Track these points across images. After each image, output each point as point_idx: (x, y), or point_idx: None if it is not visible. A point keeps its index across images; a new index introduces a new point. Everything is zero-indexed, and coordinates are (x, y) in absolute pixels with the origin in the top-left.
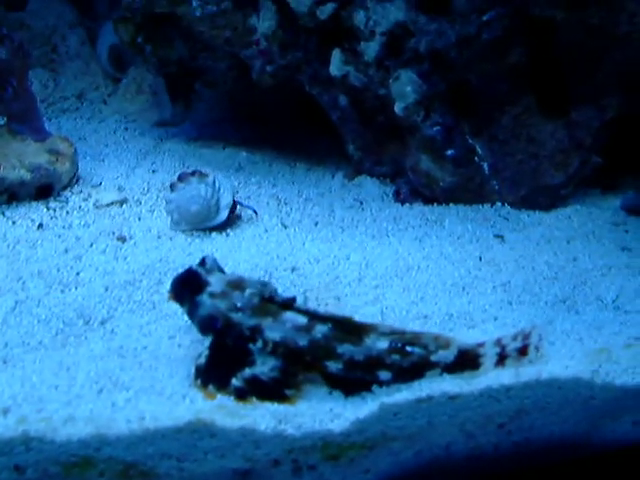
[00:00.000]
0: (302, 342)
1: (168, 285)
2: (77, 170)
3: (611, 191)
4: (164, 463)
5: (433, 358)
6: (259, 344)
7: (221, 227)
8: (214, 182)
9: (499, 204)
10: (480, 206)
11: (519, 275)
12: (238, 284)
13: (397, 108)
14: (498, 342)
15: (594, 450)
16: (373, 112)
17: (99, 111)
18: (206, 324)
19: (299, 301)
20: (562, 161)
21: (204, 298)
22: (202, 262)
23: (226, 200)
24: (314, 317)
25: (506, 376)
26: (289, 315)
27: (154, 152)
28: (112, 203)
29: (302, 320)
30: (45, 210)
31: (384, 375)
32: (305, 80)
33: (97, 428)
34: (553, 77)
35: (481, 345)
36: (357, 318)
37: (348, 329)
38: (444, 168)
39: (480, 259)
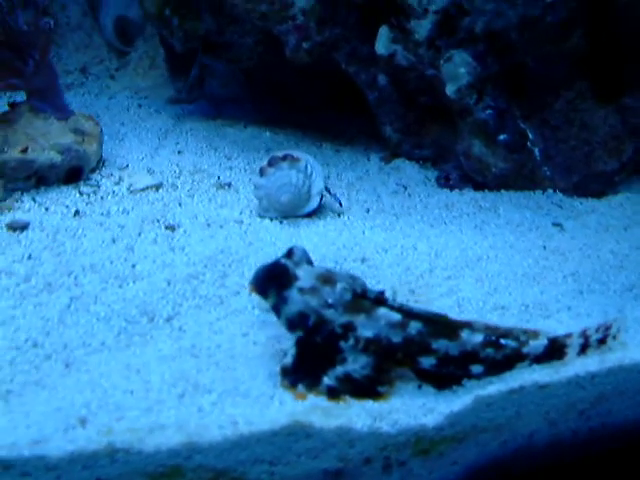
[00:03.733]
0: (396, 339)
1: (236, 278)
2: (102, 151)
3: None
4: (256, 468)
5: (524, 350)
6: (351, 341)
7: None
8: (306, 167)
9: (550, 191)
10: (532, 193)
11: (586, 264)
12: (328, 278)
13: (449, 90)
14: (583, 333)
15: None
16: (415, 93)
17: (107, 87)
18: (296, 321)
19: (388, 295)
20: (615, 147)
21: (293, 294)
22: (289, 253)
23: (318, 187)
24: (408, 314)
25: (592, 363)
26: (383, 312)
27: (175, 131)
28: (147, 188)
29: (396, 317)
30: (78, 195)
31: (476, 369)
32: (342, 58)
33: (188, 436)
34: (608, 61)
35: (569, 336)
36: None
37: (442, 325)
38: (496, 153)
39: (544, 248)
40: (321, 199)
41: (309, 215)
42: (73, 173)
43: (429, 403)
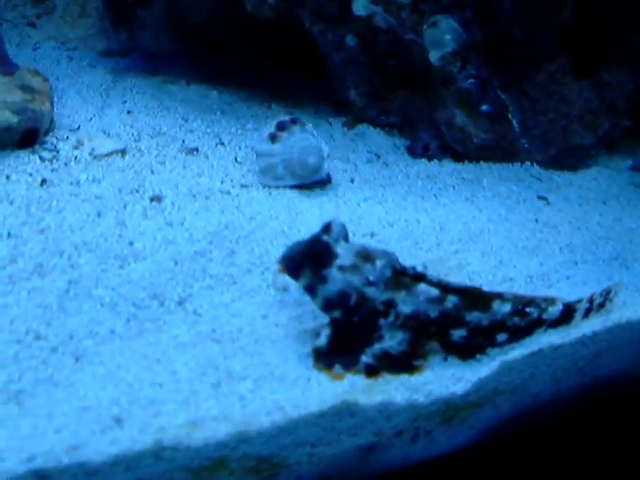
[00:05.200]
0: (433, 313)
1: (245, 255)
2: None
3: (614, 152)
4: (298, 451)
5: (544, 316)
6: (391, 318)
7: None
8: (313, 132)
9: (528, 163)
10: (510, 165)
11: (577, 236)
12: (367, 255)
13: (432, 57)
14: (590, 298)
15: (637, 380)
16: (385, 56)
17: (27, 35)
18: (335, 301)
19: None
20: (592, 122)
21: (333, 272)
22: (327, 229)
23: (326, 151)
24: (446, 288)
25: (596, 323)
26: (423, 287)
27: (117, 88)
28: (112, 153)
29: (435, 292)
30: (39, 161)
31: (501, 337)
32: (307, 16)
33: (236, 426)
34: (588, 36)
35: (579, 302)
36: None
37: (477, 298)
38: (478, 124)
39: (537, 221)
40: None
41: (318, 182)
42: (29, 136)
43: (458, 372)
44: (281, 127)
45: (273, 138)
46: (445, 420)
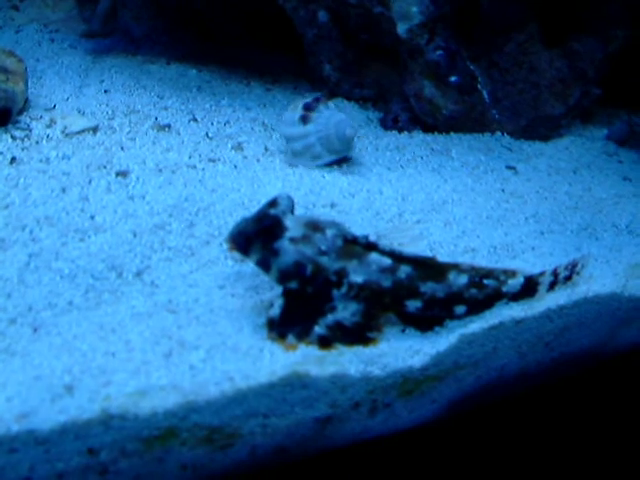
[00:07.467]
0: (386, 283)
1: (204, 227)
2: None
3: (590, 122)
4: (250, 422)
5: (504, 289)
6: (344, 289)
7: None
8: (334, 107)
9: (499, 133)
10: (481, 135)
11: (544, 206)
12: (316, 225)
13: (400, 30)
14: (554, 271)
15: (607, 356)
16: (357, 30)
17: (11, 18)
18: (291, 272)
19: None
20: (562, 91)
21: (285, 244)
22: (273, 203)
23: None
24: (399, 258)
25: (562, 297)
26: (374, 257)
27: (95, 68)
28: (84, 130)
29: (387, 261)
30: (10, 140)
31: (459, 309)
32: None
33: (184, 396)
34: (558, 4)
35: (542, 274)
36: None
37: (431, 268)
38: (447, 95)
39: (503, 191)
40: None
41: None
42: (1, 116)
43: (415, 345)
44: (308, 108)
45: (304, 119)
46: (404, 393)
